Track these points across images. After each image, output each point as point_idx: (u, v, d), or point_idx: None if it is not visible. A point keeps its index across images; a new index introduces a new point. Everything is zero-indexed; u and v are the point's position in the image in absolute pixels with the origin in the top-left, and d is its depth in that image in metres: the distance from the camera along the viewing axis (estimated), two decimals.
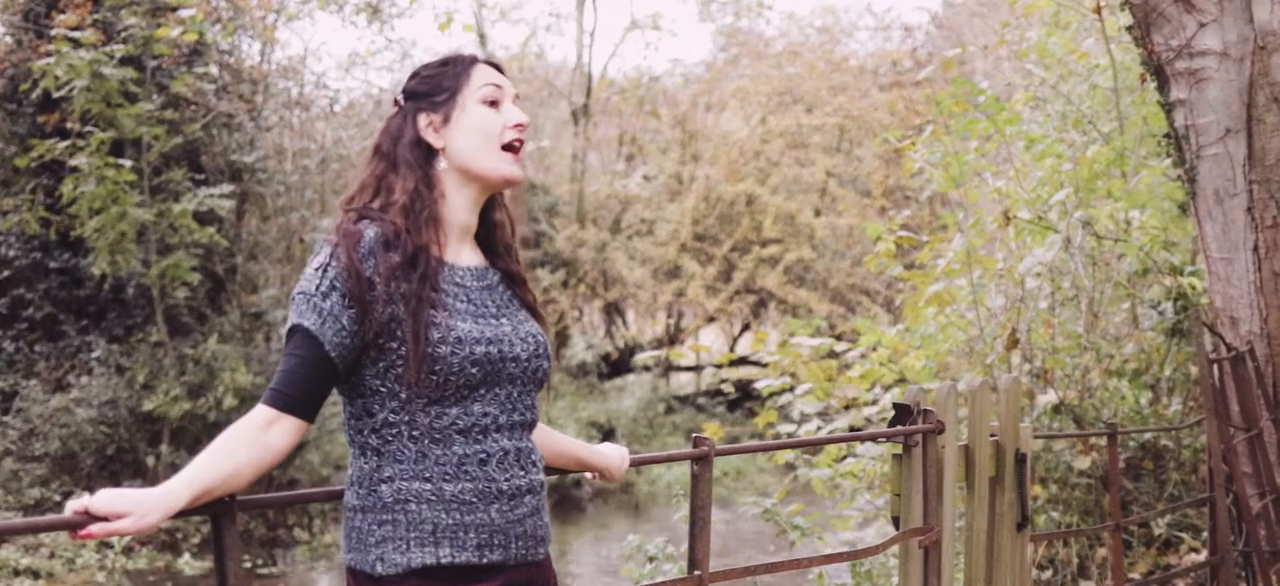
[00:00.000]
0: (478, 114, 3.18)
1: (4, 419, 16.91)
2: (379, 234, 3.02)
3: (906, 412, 4.72)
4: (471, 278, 3.18)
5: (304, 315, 2.95)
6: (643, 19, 30.92)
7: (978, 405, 5.12)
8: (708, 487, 3.94)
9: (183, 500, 2.77)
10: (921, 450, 4.71)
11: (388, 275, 2.97)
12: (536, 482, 3.16)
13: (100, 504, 2.65)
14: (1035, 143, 9.96)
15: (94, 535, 2.66)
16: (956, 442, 4.96)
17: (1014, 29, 13.16)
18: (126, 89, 16.40)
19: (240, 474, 2.87)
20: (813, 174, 27.64)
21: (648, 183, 28.78)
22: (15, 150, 17.65)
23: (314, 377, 2.95)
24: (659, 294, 27.30)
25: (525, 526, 3.10)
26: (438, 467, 2.99)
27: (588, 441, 21.08)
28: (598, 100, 29.03)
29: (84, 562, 14.40)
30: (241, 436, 2.89)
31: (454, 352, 2.97)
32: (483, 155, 3.17)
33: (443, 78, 3.22)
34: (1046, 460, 8.47)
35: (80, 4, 16.61)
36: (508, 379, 3.10)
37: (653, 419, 25.17)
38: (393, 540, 2.97)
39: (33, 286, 18.22)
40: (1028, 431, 5.30)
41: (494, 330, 3.09)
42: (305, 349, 2.95)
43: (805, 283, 26.73)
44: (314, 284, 2.97)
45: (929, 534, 4.68)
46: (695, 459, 3.93)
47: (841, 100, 27.00)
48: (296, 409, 2.93)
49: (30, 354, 17.99)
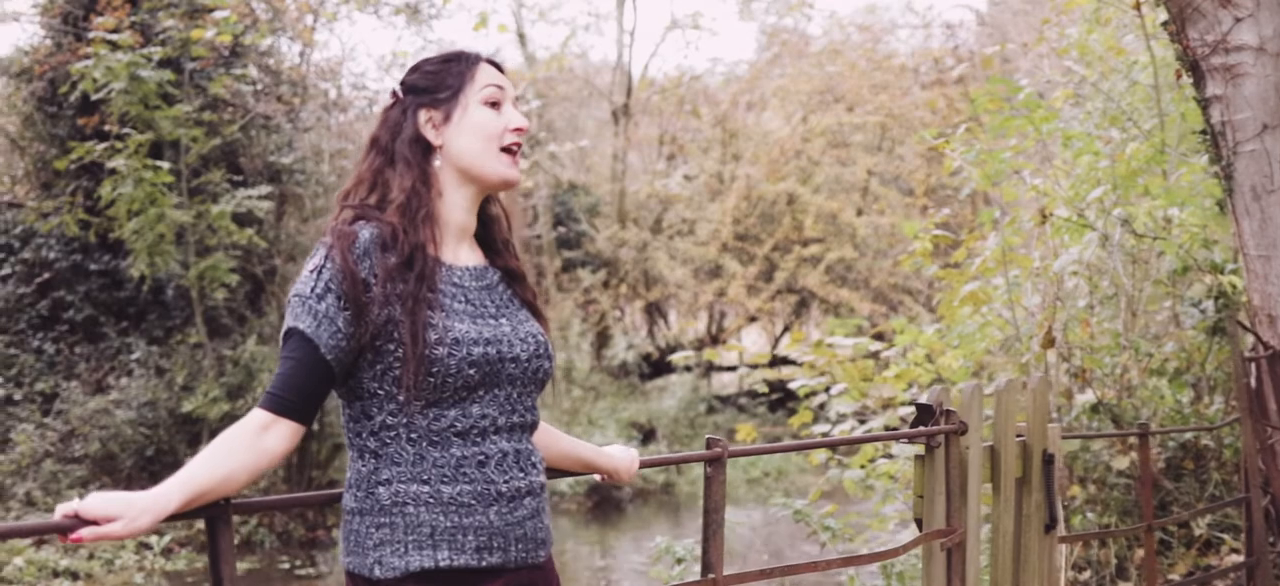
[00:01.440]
0: (479, 115, 3.14)
1: (44, 420, 16.99)
2: (375, 234, 2.98)
3: (929, 413, 4.66)
4: (470, 277, 3.15)
5: (299, 318, 2.92)
6: (683, 18, 30.87)
7: (1003, 405, 5.05)
8: (721, 489, 3.89)
9: (175, 503, 2.74)
10: (944, 451, 4.65)
11: (384, 276, 2.94)
12: (536, 484, 3.11)
13: (91, 507, 2.63)
14: (1073, 140, 9.87)
15: (84, 539, 2.64)
16: (981, 443, 4.89)
17: (1054, 26, 13.05)
18: (164, 91, 16.44)
19: (235, 478, 2.85)
20: (854, 173, 27.53)
21: (688, 182, 28.71)
22: (55, 152, 17.72)
23: (310, 381, 2.92)
24: (700, 294, 27.24)
25: (525, 529, 3.06)
26: (436, 470, 2.95)
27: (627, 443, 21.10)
28: (638, 100, 28.98)
29: (123, 563, 14.44)
30: (237, 440, 2.86)
31: (451, 354, 2.93)
32: (482, 156, 3.14)
33: (446, 75, 3.18)
34: (1084, 460, 8.39)
35: (118, 6, 16.66)
36: (507, 380, 3.06)
37: (693, 419, 25.10)
38: (391, 543, 2.94)
39: (73, 288, 18.30)
40: (1056, 432, 5.22)
41: (493, 330, 3.05)
42: (301, 352, 2.92)
43: (847, 282, 26.62)
44: (309, 286, 2.94)
45: (952, 535, 4.61)
46: (708, 461, 3.87)
47: (883, 98, 26.88)
48: (292, 412, 2.90)
49: (71, 355, 18.08)
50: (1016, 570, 5.16)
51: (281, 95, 19.61)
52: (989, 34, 26.79)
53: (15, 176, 18.96)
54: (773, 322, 29.45)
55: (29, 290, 18.35)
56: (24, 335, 18.29)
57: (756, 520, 17.95)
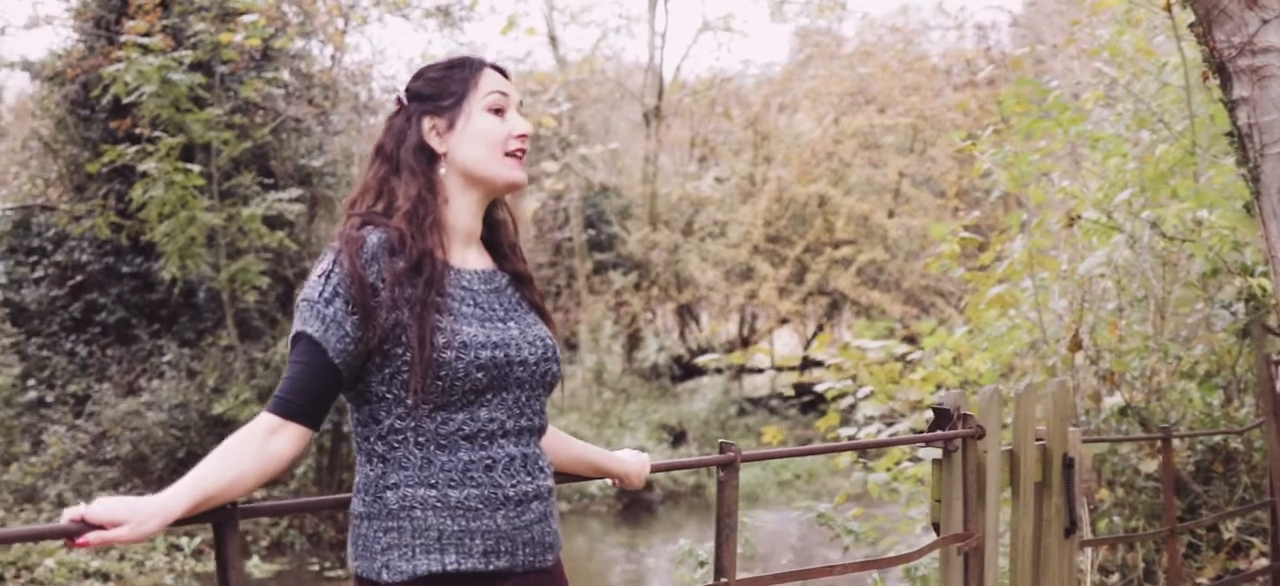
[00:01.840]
0: (484, 122, 3.15)
1: (76, 422, 17.06)
2: (383, 239, 2.99)
3: (946, 417, 4.64)
4: (478, 281, 3.15)
5: (308, 322, 2.93)
6: (714, 20, 30.83)
7: (1022, 409, 5.02)
8: (734, 494, 3.89)
9: (181, 508, 2.75)
10: (961, 455, 4.63)
11: (392, 281, 2.94)
12: (544, 489, 3.11)
13: (97, 512, 2.64)
14: (1100, 142, 9.82)
15: (91, 543, 2.65)
16: (999, 447, 4.87)
17: (1085, 27, 12.99)
18: (196, 94, 16.50)
19: (242, 482, 2.86)
20: (886, 175, 27.46)
21: (720, 184, 28.69)
22: (87, 156, 17.78)
23: (318, 385, 2.92)
24: (731, 296, 27.22)
25: (532, 533, 3.06)
26: (443, 474, 2.95)
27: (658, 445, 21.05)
28: (670, 102, 28.96)
29: (153, 565, 14.48)
30: (244, 444, 2.88)
31: (459, 357, 2.93)
32: (487, 162, 3.14)
33: (449, 82, 3.18)
34: (1112, 463, 8.35)
35: (150, 10, 16.72)
36: (515, 383, 3.06)
37: (724, 421, 25.07)
38: (398, 547, 2.94)
39: (106, 291, 18.38)
40: (1077, 435, 5.20)
41: (501, 334, 3.05)
42: (309, 356, 2.92)
43: (879, 284, 26.56)
44: (317, 291, 2.94)
45: (969, 540, 4.59)
46: (721, 465, 3.86)
47: (914, 100, 26.81)
48: (300, 416, 2.91)
49: (103, 358, 18.15)
50: (1036, 574, 5.14)
51: (312, 98, 19.65)
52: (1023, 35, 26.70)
53: (48, 179, 19.04)
54: (804, 325, 29.39)
55: (62, 292, 18.44)
56: (56, 337, 18.37)
57: (788, 522, 17.91)
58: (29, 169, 19.62)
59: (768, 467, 21.65)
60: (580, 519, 19.90)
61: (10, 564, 13.54)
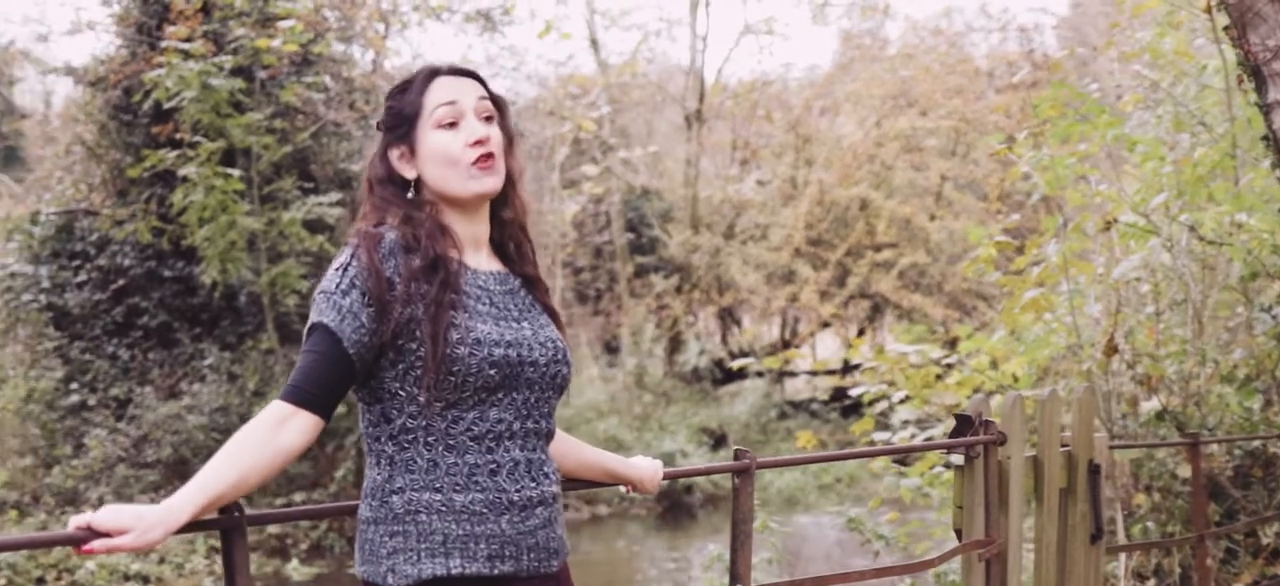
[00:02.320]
0: (436, 141, 3.14)
1: (117, 425, 17.16)
2: (399, 237, 3.01)
3: (967, 423, 4.62)
4: (494, 281, 3.18)
5: (324, 313, 2.96)
6: (756, 23, 30.76)
7: (1047, 415, 5.00)
8: (750, 500, 3.88)
9: (186, 515, 2.77)
10: (982, 461, 4.61)
11: (408, 276, 2.97)
12: (549, 494, 3.12)
13: (103, 519, 2.67)
14: (1137, 145, 9.76)
15: (96, 551, 2.67)
16: (1023, 453, 4.84)
17: (1124, 30, 12.91)
18: (236, 99, 16.57)
19: (248, 479, 2.87)
20: (928, 178, 27.36)
21: (761, 187, 28.64)
22: (130, 160, 17.88)
23: (332, 374, 2.95)
24: (772, 299, 27.16)
25: (537, 538, 3.07)
26: (448, 478, 2.97)
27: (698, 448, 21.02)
28: (711, 105, 28.93)
29: (193, 568, 14.56)
30: (250, 438, 2.88)
31: (473, 354, 2.96)
32: (449, 181, 3.14)
33: (403, 106, 3.19)
34: (1149, 467, 8.31)
35: (191, 16, 16.81)
36: (526, 384, 3.07)
37: (765, 425, 25.03)
38: (404, 551, 2.96)
39: (148, 295, 18.48)
40: (1103, 441, 5.17)
41: (514, 333, 3.08)
42: (324, 345, 2.95)
43: (921, 287, 26.47)
44: (334, 282, 2.98)
45: (990, 546, 4.57)
46: (736, 471, 3.86)
47: (956, 102, 26.70)
48: (312, 405, 2.93)
49: (144, 361, 18.25)
50: (1061, 581, 5.11)
51: (353, 102, 19.70)
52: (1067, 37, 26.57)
53: (92, 184, 19.16)
54: (846, 328, 29.31)
55: (104, 297, 18.55)
56: (99, 341, 18.49)
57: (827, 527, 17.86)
58: (72, 174, 19.74)
59: (807, 471, 21.59)
60: (620, 522, 19.93)
61: (51, 566, 13.64)
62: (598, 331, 28.48)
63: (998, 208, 25.10)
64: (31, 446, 17.17)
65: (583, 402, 23.30)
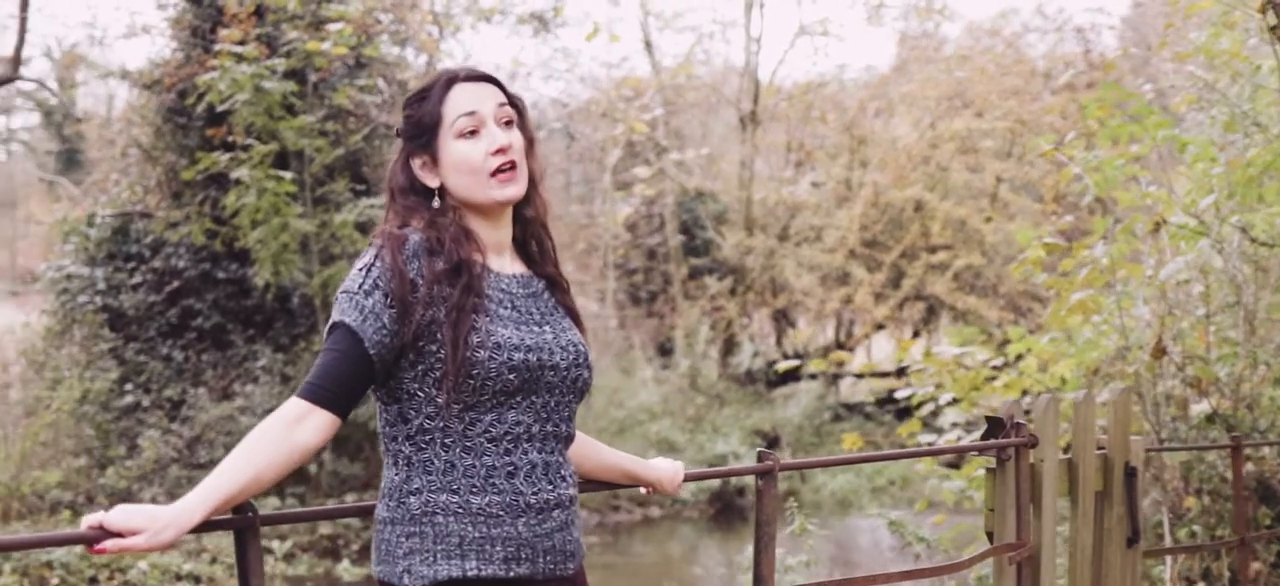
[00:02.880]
0: (457, 151, 3.14)
1: (171, 426, 17.27)
2: (423, 240, 3.02)
3: (999, 426, 4.59)
4: (517, 285, 3.18)
5: (345, 312, 2.98)
6: (811, 25, 30.71)
7: (1082, 418, 4.96)
8: (773, 503, 3.87)
9: (198, 515, 2.79)
10: (1014, 464, 4.58)
11: (431, 279, 2.98)
12: (565, 497, 3.12)
13: (115, 519, 2.70)
14: (1188, 146, 9.67)
15: (108, 550, 2.70)
16: (1056, 456, 4.81)
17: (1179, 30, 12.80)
18: (288, 102, 16.63)
19: (262, 477, 2.89)
20: (983, 179, 27.21)
21: (816, 189, 28.56)
22: (185, 163, 17.99)
23: (351, 374, 2.97)
24: (827, 301, 27.08)
25: (553, 541, 3.08)
26: (465, 480, 2.98)
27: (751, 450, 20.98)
28: (766, 106, 28.88)
29: None
30: (265, 435, 2.90)
31: (492, 357, 2.97)
32: (472, 189, 3.14)
33: (422, 115, 3.19)
34: (1199, 470, 8.23)
35: (244, 19, 16.89)
36: (546, 388, 3.08)
37: (819, 427, 24.96)
38: (420, 552, 2.97)
39: (202, 297, 18.59)
40: (1140, 444, 5.13)
41: (535, 337, 3.08)
42: (345, 344, 2.97)
43: (976, 289, 26.32)
44: (357, 282, 3.00)
45: (1021, 550, 4.54)
46: (759, 473, 3.84)
47: (1012, 103, 26.54)
48: (330, 403, 2.95)
49: (198, 362, 18.35)
50: (1096, 585, 5.07)
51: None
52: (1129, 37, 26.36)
53: (147, 186, 19.29)
54: (900, 330, 29.18)
55: (159, 298, 18.67)
56: (153, 342, 18.61)
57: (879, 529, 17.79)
58: (128, 176, 19.88)
59: (861, 473, 21.53)
60: (672, 524, 19.92)
61: (103, 566, 13.72)
62: (651, 333, 28.48)
63: (1053, 209, 24.93)
64: (86, 447, 17.29)
65: (635, 404, 23.30)
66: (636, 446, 21.17)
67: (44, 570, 13.23)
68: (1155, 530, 7.89)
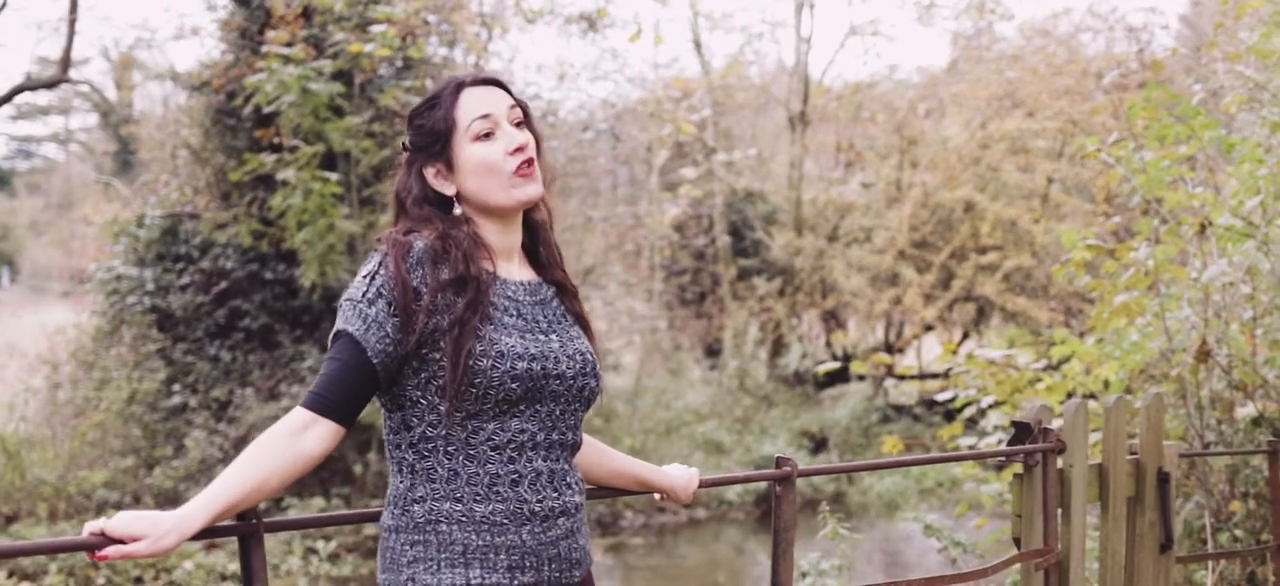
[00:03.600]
0: (474, 155, 3.12)
1: (218, 427, 17.34)
2: (428, 247, 3.01)
3: (1026, 431, 4.54)
4: (524, 292, 3.16)
5: (349, 321, 2.99)
6: (861, 25, 30.63)
7: (1113, 422, 4.90)
8: (792, 509, 3.83)
9: (200, 521, 2.80)
10: (1041, 469, 4.52)
11: (435, 287, 2.97)
12: (571, 504, 3.10)
13: (117, 526, 2.71)
14: (1235, 147, 9.57)
15: (109, 557, 2.71)
16: (1086, 461, 4.75)
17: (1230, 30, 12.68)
18: (335, 103, 16.65)
19: (266, 485, 2.89)
20: (1034, 180, 27.02)
21: (866, 189, 28.45)
22: (233, 164, 18.05)
23: (354, 383, 2.97)
24: (876, 302, 26.96)
25: (558, 549, 3.06)
26: (469, 488, 2.97)
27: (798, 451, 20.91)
28: (815, 107, 28.80)
29: (288, 569, 14.67)
30: (270, 444, 2.91)
31: (495, 366, 2.95)
32: (492, 191, 3.13)
33: (433, 123, 3.17)
34: (1245, 474, 8.14)
35: (291, 21, 16.93)
36: (550, 396, 3.06)
37: (867, 428, 24.86)
38: (424, 561, 2.97)
39: (249, 297, 18.63)
40: (1173, 450, 5.06)
41: (540, 346, 3.06)
42: (347, 354, 2.98)
43: (1026, 290, 26.14)
44: (361, 291, 3.00)
45: (1048, 556, 4.49)
46: (777, 479, 3.81)
47: (1063, 103, 26.35)
48: (333, 413, 2.96)
49: (245, 363, 18.40)
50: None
51: None
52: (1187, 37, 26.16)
53: (197, 187, 19.38)
54: (949, 332, 29.03)
55: (207, 299, 18.73)
56: (201, 343, 18.67)
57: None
58: (178, 177, 19.98)
59: (908, 475, 21.42)
60: (718, 525, 19.87)
61: (150, 566, 13.81)
62: (699, 334, 28.44)
63: (1104, 210, 24.75)
64: (133, 447, 17.38)
65: (682, 405, 23.29)
66: (683, 447, 21.16)
67: (89, 570, 13.31)
68: (1198, 535, 7.81)
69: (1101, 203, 24.78)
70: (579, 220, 21.81)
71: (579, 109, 25.73)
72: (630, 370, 24.90)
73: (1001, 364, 10.35)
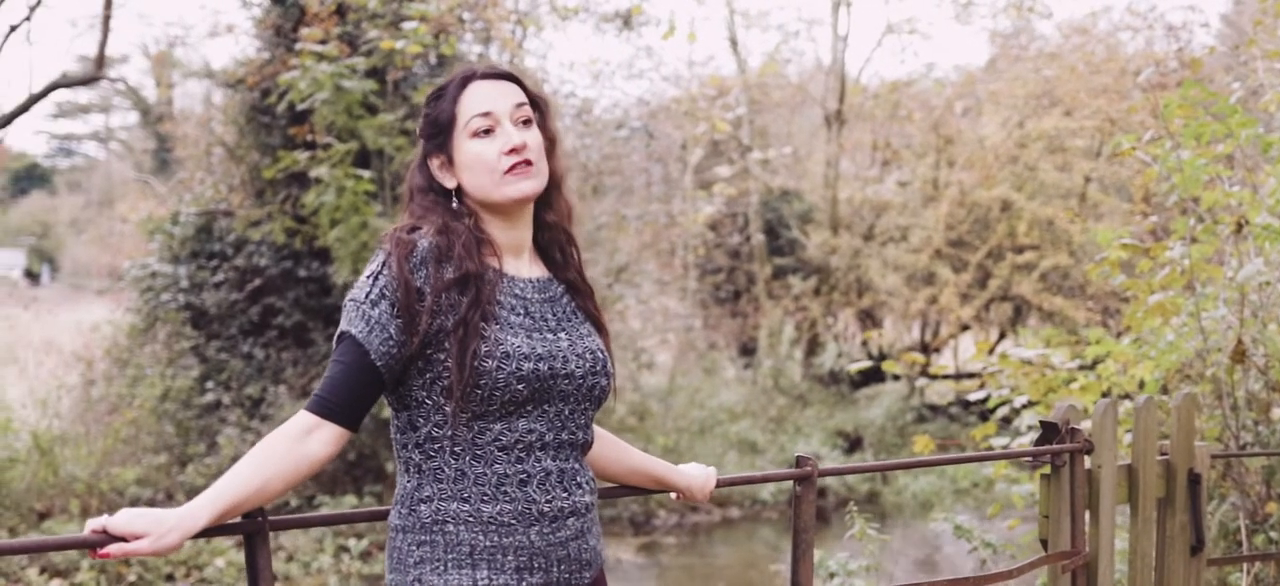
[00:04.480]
0: (471, 151, 3.09)
1: (251, 424, 17.34)
2: (432, 245, 2.96)
3: (1053, 431, 4.47)
4: (533, 290, 3.11)
5: (352, 323, 2.95)
6: (899, 23, 30.49)
7: (1143, 423, 4.83)
8: (811, 509, 3.78)
9: (203, 520, 2.77)
10: (1068, 470, 4.46)
11: (439, 287, 2.92)
12: (581, 504, 3.05)
13: (118, 523, 2.68)
14: (1272, 146, 9.48)
15: (112, 555, 2.69)
16: (1114, 462, 4.68)
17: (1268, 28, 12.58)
18: (368, 101, 16.64)
19: (270, 487, 2.86)
20: (1071, 178, 26.87)
21: (902, 188, 28.34)
22: (267, 162, 18.06)
23: (358, 386, 2.93)
24: (912, 301, 26.85)
25: (568, 549, 3.02)
26: (476, 488, 2.93)
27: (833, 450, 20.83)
28: (852, 105, 28.70)
29: (319, 566, 14.67)
30: (275, 446, 2.88)
31: (501, 367, 2.90)
32: (488, 189, 3.09)
33: (438, 115, 3.15)
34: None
35: (325, 18, 16.93)
36: (559, 396, 3.01)
37: (902, 427, 24.76)
38: (431, 561, 2.93)
39: (283, 295, 18.63)
40: (1204, 450, 4.98)
41: (548, 346, 3.01)
42: (351, 356, 2.94)
43: (1063, 290, 26.00)
44: (364, 292, 2.96)
45: (1075, 558, 4.42)
46: (797, 479, 3.75)
47: (1101, 102, 26.19)
48: (338, 416, 2.92)
49: (279, 360, 18.41)
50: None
51: None
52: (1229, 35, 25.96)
53: (231, 185, 19.41)
54: (986, 331, 28.89)
55: (241, 296, 18.75)
56: (235, 340, 18.69)
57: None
58: (213, 174, 20.02)
59: (943, 475, 21.31)
60: (752, 525, 19.81)
61: (180, 563, 13.82)
62: (734, 333, 28.37)
63: (1142, 209, 24.59)
64: (166, 444, 17.41)
65: (717, 404, 23.23)
66: (717, 446, 21.10)
67: (121, 567, 13.32)
68: (1233, 536, 7.72)
69: (1139, 202, 24.64)
70: (613, 218, 21.74)
71: (614, 107, 25.72)
72: (664, 369, 24.85)
73: (1036, 363, 10.28)
